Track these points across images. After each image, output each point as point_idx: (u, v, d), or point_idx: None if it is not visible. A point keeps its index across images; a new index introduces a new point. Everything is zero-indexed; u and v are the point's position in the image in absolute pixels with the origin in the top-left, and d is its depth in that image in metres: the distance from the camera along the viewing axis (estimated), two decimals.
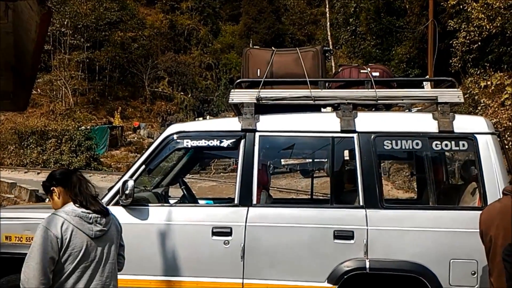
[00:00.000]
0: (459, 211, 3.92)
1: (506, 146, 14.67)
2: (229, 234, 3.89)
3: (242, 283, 3.86)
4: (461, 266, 3.65)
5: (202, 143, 4.17)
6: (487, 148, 3.90)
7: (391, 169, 19.55)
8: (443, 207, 4.05)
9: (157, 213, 4.06)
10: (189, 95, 35.30)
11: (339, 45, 32.29)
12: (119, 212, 4.00)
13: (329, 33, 31.43)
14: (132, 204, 3.98)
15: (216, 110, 34.50)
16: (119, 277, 3.88)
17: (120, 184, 3.95)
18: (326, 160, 4.58)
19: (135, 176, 4.07)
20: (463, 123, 4.02)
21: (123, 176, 4.13)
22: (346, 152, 4.45)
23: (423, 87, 4.80)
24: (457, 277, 3.70)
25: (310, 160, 7.42)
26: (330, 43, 31.93)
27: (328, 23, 30.40)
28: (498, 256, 3.18)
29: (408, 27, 23.32)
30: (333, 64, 23.19)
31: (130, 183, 3.89)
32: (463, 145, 4.00)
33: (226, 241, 3.89)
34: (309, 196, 7.19)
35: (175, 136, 4.19)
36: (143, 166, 4.13)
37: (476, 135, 3.95)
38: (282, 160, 20.56)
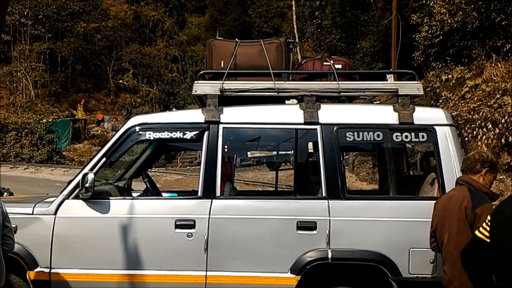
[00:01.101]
0: (418, 201, 4.01)
1: (466, 139, 15.10)
2: (192, 226, 3.87)
3: (206, 275, 3.85)
4: (420, 255, 3.73)
5: (165, 135, 4.12)
6: (446, 139, 3.99)
7: (355, 161, 19.84)
8: (403, 197, 4.12)
9: (118, 206, 4.00)
10: (155, 88, 34.93)
11: (306, 38, 32.46)
12: (79, 206, 3.95)
13: (295, 26, 31.57)
14: (93, 197, 3.90)
15: (182, 103, 34.23)
16: (77, 271, 3.87)
17: (80, 177, 3.87)
18: (290, 152, 4.61)
19: (96, 169, 3.99)
20: (422, 115, 4.10)
21: (83, 169, 4.04)
22: (310, 144, 4.47)
23: (386, 80, 4.87)
24: (416, 265, 3.78)
25: (276, 153, 7.45)
26: (297, 36, 32.07)
27: (294, 16, 30.53)
28: (451, 244, 3.28)
29: (373, 21, 23.65)
30: (299, 57, 23.29)
31: (90, 176, 3.81)
32: (423, 136, 4.08)
33: (190, 234, 3.87)
34: (273, 188, 7.23)
35: (137, 128, 4.12)
36: (104, 159, 4.05)
37: (435, 127, 4.03)
38: (248, 152, 20.64)
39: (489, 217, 2.71)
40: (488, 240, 2.68)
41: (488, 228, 2.68)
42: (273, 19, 40.75)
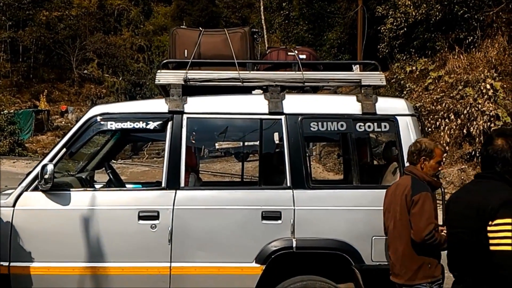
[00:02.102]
0: (381, 190, 4.07)
1: (429, 129, 15.45)
2: (156, 218, 3.83)
3: (170, 266, 3.82)
4: (382, 243, 3.79)
5: (127, 125, 4.04)
6: (407, 129, 4.06)
7: (322, 152, 20.03)
8: (366, 187, 4.17)
9: (79, 198, 3.92)
10: (120, 78, 34.34)
11: (273, 29, 32.45)
12: (38, 198, 3.85)
13: (263, 17, 31.48)
14: (53, 189, 3.81)
15: (149, 93, 33.76)
16: (38, 264, 3.78)
17: (39, 168, 3.77)
18: (256, 142, 4.61)
19: (55, 160, 3.89)
20: (385, 105, 4.15)
21: (42, 160, 3.94)
22: (274, 134, 4.48)
23: (353, 71, 4.90)
24: (378, 253, 3.85)
25: (246, 143, 7.44)
26: (264, 27, 31.99)
27: (262, 7, 30.42)
28: (394, 230, 3.45)
29: (339, 13, 23.82)
30: (267, 48, 23.26)
31: (50, 167, 3.72)
32: (385, 126, 4.14)
33: (153, 225, 3.83)
34: (240, 179, 7.23)
35: (98, 118, 4.03)
36: (64, 150, 3.94)
37: (397, 117, 4.09)
38: (216, 144, 20.57)
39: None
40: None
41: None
42: (241, 9, 40.52)
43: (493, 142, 2.47)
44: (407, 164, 3.70)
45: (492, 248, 2.29)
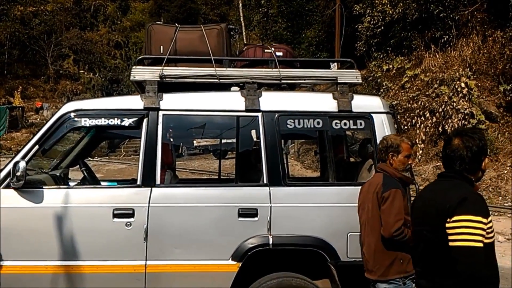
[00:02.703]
0: (356, 187, 4.10)
1: (406, 127, 15.64)
2: (131, 215, 3.79)
3: (145, 264, 3.79)
4: (357, 239, 3.81)
5: (102, 122, 3.98)
6: (382, 126, 4.10)
7: (301, 150, 20.12)
8: (342, 183, 4.20)
9: (53, 196, 3.85)
10: (97, 75, 33.85)
11: (252, 26, 32.43)
12: (10, 196, 3.77)
13: (241, 14, 31.47)
14: (25, 186, 3.74)
15: (126, 90, 33.37)
16: (10, 263, 3.71)
17: (11, 165, 3.69)
18: (233, 139, 4.60)
19: (28, 157, 3.82)
20: (360, 103, 4.18)
21: (14, 157, 3.86)
22: (251, 131, 4.48)
23: (331, 69, 4.93)
24: (354, 249, 3.87)
25: (223, 141, 7.42)
26: (243, 24, 31.96)
27: (241, 4, 30.41)
28: (367, 227, 3.51)
29: (317, 11, 23.94)
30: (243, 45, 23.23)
31: (22, 164, 3.64)
32: (361, 123, 4.17)
33: (128, 223, 3.79)
34: (217, 176, 7.21)
35: (72, 115, 3.97)
36: (37, 147, 3.86)
37: (372, 114, 4.13)
38: (194, 141, 20.48)
39: None
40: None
41: None
42: (220, 6, 40.34)
43: (450, 142, 2.56)
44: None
45: (450, 244, 2.36)
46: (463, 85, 14.21)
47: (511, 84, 13.95)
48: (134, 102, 4.04)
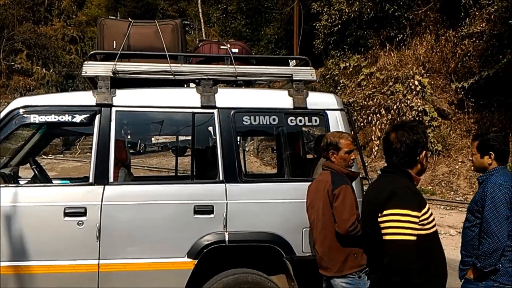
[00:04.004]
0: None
1: (362, 124, 15.94)
2: (83, 214, 3.70)
3: (98, 263, 3.72)
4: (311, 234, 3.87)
5: (52, 118, 3.86)
6: (337, 123, 4.16)
7: (260, 146, 20.21)
8: (297, 180, 4.24)
9: (1, 194, 3.71)
10: (51, 70, 32.89)
11: (212, 23, 32.26)
12: None
13: (200, 10, 31.22)
14: None
15: (82, 86, 32.57)
16: None
17: None
18: (189, 136, 4.56)
19: None
20: (315, 100, 4.23)
21: None
22: (207, 128, 4.45)
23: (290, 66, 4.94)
24: (308, 244, 3.92)
25: (180, 138, 7.34)
26: (202, 20, 31.72)
27: (199, 0, 30.17)
28: (319, 225, 3.54)
29: (276, 8, 24.05)
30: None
31: None
32: (316, 120, 4.22)
33: (80, 222, 3.70)
34: (174, 173, 7.14)
35: (21, 111, 3.83)
36: None
37: (326, 111, 4.18)
38: (152, 138, 20.22)
39: None
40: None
41: None
42: (178, 2, 39.89)
43: (388, 136, 2.63)
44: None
45: (383, 238, 2.41)
46: (416, 83, 14.61)
47: (463, 82, 14.42)
48: (86, 98, 3.95)
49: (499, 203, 3.14)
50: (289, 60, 4.72)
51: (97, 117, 3.89)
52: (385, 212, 2.41)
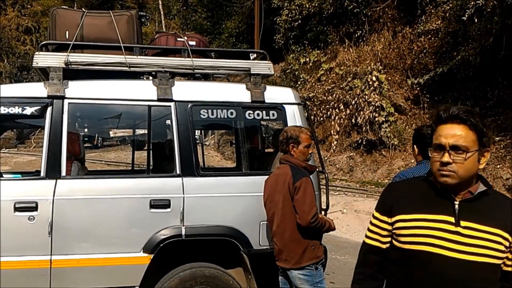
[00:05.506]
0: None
1: (322, 118, 16.12)
2: (34, 209, 3.59)
3: (50, 259, 3.62)
4: (269, 228, 3.89)
5: (1, 110, 3.69)
6: (294, 117, 4.18)
7: (220, 141, 20.16)
8: (255, 173, 4.24)
9: None
10: (5, 62, 31.77)
11: (172, 15, 31.88)
12: None
13: (160, 2, 30.82)
14: None
15: (37, 78, 31.63)
16: None
17: None
18: (145, 129, 4.49)
19: None
20: (273, 94, 4.24)
21: None
22: (164, 121, 4.40)
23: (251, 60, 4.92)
24: (265, 238, 3.95)
25: (136, 131, 7.22)
26: (162, 12, 31.32)
27: None
28: (278, 218, 3.58)
29: (237, 2, 23.96)
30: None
31: None
32: (273, 114, 4.23)
33: (31, 217, 3.59)
34: (131, 167, 7.03)
35: None
36: None
37: (284, 105, 4.21)
38: (110, 131, 19.82)
39: None
40: None
41: None
42: None
43: None
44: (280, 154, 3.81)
45: None
46: (374, 78, 14.87)
47: (418, 78, 14.79)
48: (37, 89, 3.82)
49: None
50: (250, 54, 4.72)
51: (49, 109, 3.77)
52: None
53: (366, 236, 2.12)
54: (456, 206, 1.87)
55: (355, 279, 2.13)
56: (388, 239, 2.02)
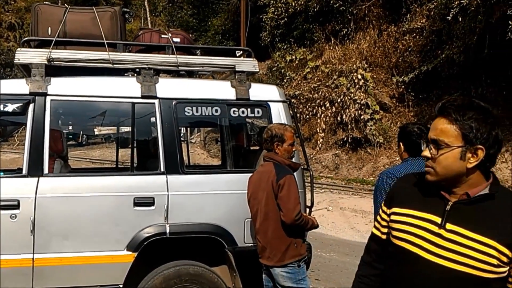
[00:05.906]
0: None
1: (308, 116, 16.16)
2: (16, 207, 3.55)
3: (33, 258, 3.57)
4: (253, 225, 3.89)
5: None
6: (279, 114, 4.18)
7: (207, 138, 20.12)
8: (239, 171, 4.24)
9: None
10: None
11: (158, 12, 31.70)
12: None
13: None
14: None
15: (20, 75, 31.21)
16: None
17: None
18: (128, 127, 4.46)
19: None
20: (257, 92, 4.23)
21: None
22: (148, 119, 4.37)
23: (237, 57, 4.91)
24: (250, 235, 3.94)
25: (120, 128, 7.17)
26: (148, 9, 31.13)
27: None
28: (261, 215, 3.57)
29: None
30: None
31: None
32: (258, 112, 4.23)
33: (13, 215, 3.54)
34: (115, 165, 6.99)
35: None
36: None
37: (269, 103, 4.20)
38: (95, 129, 19.65)
39: None
40: None
41: None
42: None
43: None
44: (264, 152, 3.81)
45: None
46: (359, 76, 14.96)
47: (403, 76, 14.89)
48: (19, 86, 3.76)
49: (377, 189, 3.15)
50: (236, 52, 4.70)
51: (31, 106, 3.73)
52: None
53: (374, 225, 2.09)
54: (448, 207, 1.73)
55: (359, 264, 2.14)
56: (386, 230, 1.97)
